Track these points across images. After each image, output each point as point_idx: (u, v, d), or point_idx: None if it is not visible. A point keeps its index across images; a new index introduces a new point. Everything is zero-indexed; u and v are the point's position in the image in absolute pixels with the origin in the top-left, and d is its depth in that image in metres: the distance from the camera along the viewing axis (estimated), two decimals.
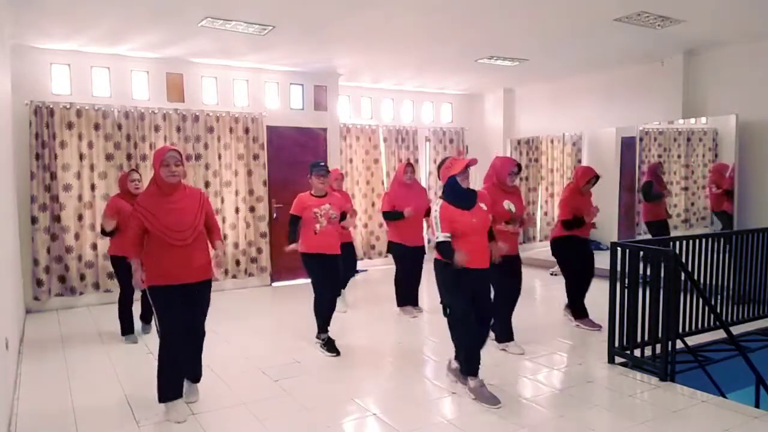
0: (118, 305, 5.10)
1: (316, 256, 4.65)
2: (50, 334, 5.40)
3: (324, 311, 4.75)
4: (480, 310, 3.75)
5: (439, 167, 3.96)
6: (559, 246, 5.27)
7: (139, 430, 3.33)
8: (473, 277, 3.66)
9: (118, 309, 5.10)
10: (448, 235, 3.61)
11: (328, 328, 4.77)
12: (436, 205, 3.72)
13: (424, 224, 5.79)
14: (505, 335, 4.70)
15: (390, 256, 5.98)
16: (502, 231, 4.32)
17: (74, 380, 4.13)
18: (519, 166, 4.62)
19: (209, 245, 3.63)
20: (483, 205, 3.79)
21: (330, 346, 4.67)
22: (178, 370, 3.54)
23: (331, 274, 4.72)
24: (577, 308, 5.34)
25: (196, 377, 3.75)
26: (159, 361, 3.47)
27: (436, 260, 3.75)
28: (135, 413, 3.54)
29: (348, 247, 5.94)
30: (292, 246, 4.70)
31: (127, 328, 5.10)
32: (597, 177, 5.24)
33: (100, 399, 3.81)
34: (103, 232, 5.04)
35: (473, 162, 3.74)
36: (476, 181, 5.13)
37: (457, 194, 3.70)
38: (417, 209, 5.47)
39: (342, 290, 5.97)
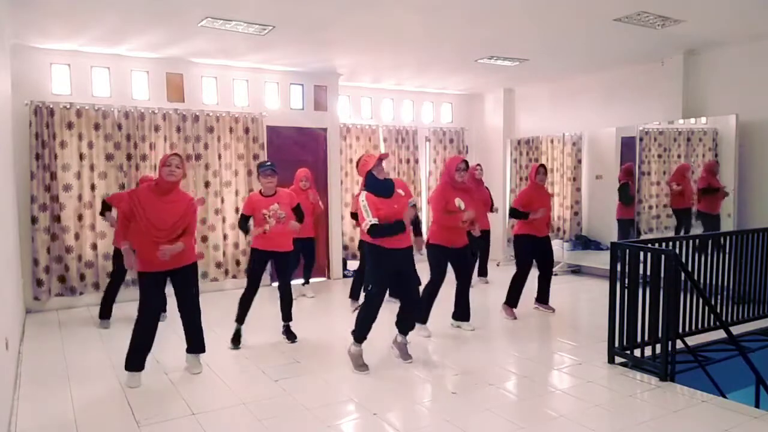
0: (106, 289, 5.57)
1: (267, 253, 4.92)
2: (50, 334, 5.39)
3: (246, 304, 4.91)
4: (405, 283, 4.30)
5: (357, 164, 4.48)
6: (515, 242, 5.88)
7: (139, 430, 3.33)
8: (397, 256, 4.16)
9: (105, 293, 5.58)
10: (377, 219, 4.06)
11: (245, 320, 4.95)
12: (362, 195, 4.18)
13: None
14: (421, 317, 5.08)
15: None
16: (445, 227, 4.89)
17: (74, 380, 4.12)
18: (466, 162, 5.07)
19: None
20: (401, 191, 4.27)
21: (235, 336, 4.89)
22: (144, 349, 3.98)
23: (280, 270, 5.00)
24: (512, 297, 5.75)
25: (199, 349, 4.25)
26: (132, 336, 3.96)
27: (361, 241, 4.25)
28: (135, 413, 3.54)
29: (309, 242, 6.53)
30: (255, 231, 4.90)
31: (105, 313, 5.55)
32: (543, 166, 5.85)
33: (100, 399, 3.81)
34: (102, 213, 5.68)
35: (385, 156, 4.29)
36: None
37: (376, 185, 4.18)
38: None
39: (308, 281, 6.94)
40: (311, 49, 6.56)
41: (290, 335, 5.04)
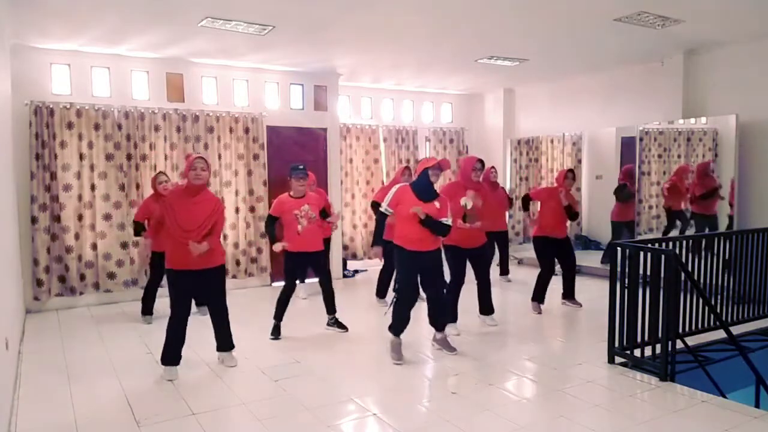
0: (144, 290, 5.73)
1: (301, 255, 5.03)
2: (50, 334, 5.40)
3: (283, 302, 5.12)
4: (431, 283, 4.47)
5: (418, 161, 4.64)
6: (533, 244, 5.98)
7: (139, 430, 3.33)
8: (422, 258, 4.36)
9: (143, 292, 5.73)
10: (391, 210, 4.37)
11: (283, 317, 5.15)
12: (398, 186, 4.43)
13: None
14: (449, 317, 5.09)
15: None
16: (457, 228, 4.80)
17: (74, 380, 4.13)
18: (481, 161, 5.08)
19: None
20: (437, 203, 4.38)
21: (274, 329, 5.12)
22: (178, 343, 4.13)
23: (316, 268, 5.21)
24: (537, 294, 5.90)
25: (227, 346, 4.40)
26: (166, 332, 4.12)
27: (386, 241, 4.48)
28: (135, 413, 3.54)
29: (324, 243, 6.45)
30: (279, 245, 4.99)
31: (146, 310, 5.70)
32: (571, 171, 5.95)
33: (100, 399, 3.81)
34: (136, 233, 5.61)
35: (447, 167, 4.40)
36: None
37: (421, 185, 4.36)
38: None
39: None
40: (311, 49, 6.56)
41: (339, 325, 5.27)
